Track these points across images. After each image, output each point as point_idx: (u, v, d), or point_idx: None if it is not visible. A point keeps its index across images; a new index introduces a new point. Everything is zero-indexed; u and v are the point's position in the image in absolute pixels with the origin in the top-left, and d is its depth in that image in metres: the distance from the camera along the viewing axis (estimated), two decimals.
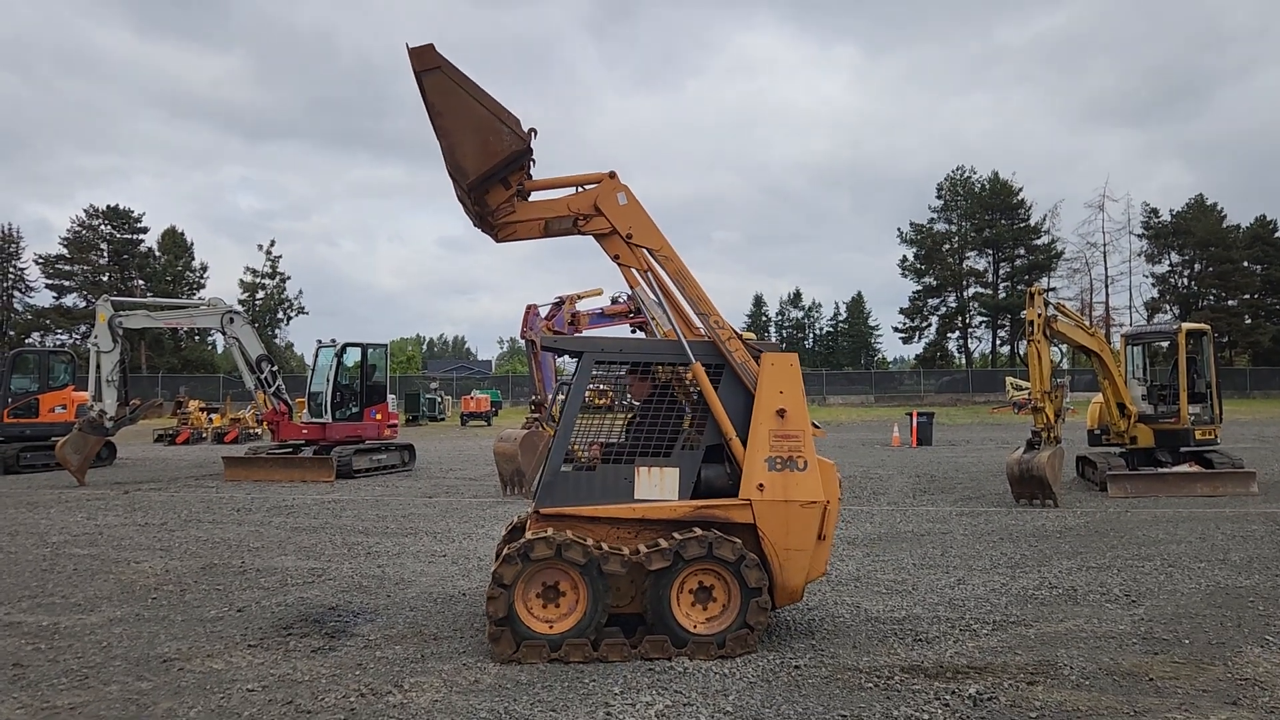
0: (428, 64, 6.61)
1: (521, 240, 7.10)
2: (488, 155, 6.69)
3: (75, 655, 6.67)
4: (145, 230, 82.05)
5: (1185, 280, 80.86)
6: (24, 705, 5.61)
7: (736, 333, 7.03)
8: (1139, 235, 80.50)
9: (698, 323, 7.04)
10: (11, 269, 78.58)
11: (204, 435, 36.18)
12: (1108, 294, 79.78)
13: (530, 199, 7.03)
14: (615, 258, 7.08)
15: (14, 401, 23.25)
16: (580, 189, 7.04)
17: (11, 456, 22.23)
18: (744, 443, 6.73)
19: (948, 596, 8.33)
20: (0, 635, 7.24)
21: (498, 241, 7.12)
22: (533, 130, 6.85)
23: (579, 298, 17.87)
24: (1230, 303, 77.08)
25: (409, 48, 6.59)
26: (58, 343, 71.92)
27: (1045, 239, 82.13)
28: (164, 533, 12.52)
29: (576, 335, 16.51)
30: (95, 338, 19.88)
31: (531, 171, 7.05)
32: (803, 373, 7.00)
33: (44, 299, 78.29)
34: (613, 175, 7.03)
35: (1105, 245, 79.58)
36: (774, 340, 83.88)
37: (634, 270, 7.07)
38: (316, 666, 6.34)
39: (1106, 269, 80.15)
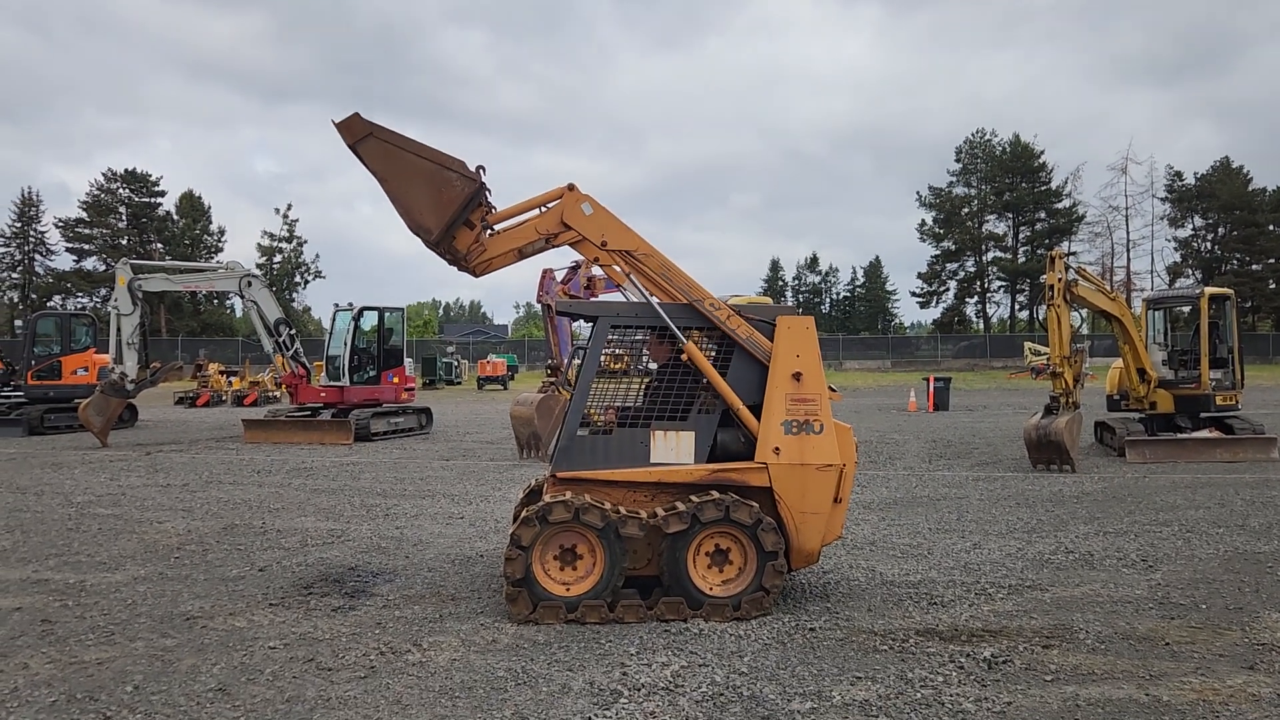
0: (358, 134, 6.62)
1: (500, 269, 7.09)
2: (443, 206, 6.66)
3: (101, 612, 6.79)
4: (163, 194, 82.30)
5: (1208, 244, 79.89)
6: (53, 660, 5.72)
7: (736, 309, 6.98)
8: (1162, 199, 79.54)
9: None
10: (32, 232, 79.04)
11: (223, 398, 36.52)
12: (1129, 258, 78.95)
13: (498, 230, 6.99)
14: (594, 260, 7.06)
15: (37, 364, 23.51)
16: (544, 209, 6.97)
17: (36, 418, 22.52)
18: (760, 410, 6.73)
19: (963, 561, 8.35)
20: (29, 592, 7.37)
21: (477, 276, 7.13)
22: (480, 168, 6.85)
23: (595, 262, 17.81)
24: (1254, 267, 76.15)
25: (335, 123, 6.60)
26: (78, 306, 72.51)
27: (1066, 202, 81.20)
28: (185, 494, 12.67)
29: (592, 300, 16.49)
30: (115, 301, 20.03)
31: (491, 203, 7.02)
32: (819, 337, 6.97)
33: (64, 262, 78.87)
34: (571, 188, 6.94)
35: (1127, 209, 78.66)
36: (790, 305, 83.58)
37: (617, 269, 7.03)
38: (337, 625, 6.43)
39: (1128, 233, 79.27)
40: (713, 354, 6.95)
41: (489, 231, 6.94)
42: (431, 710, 4.89)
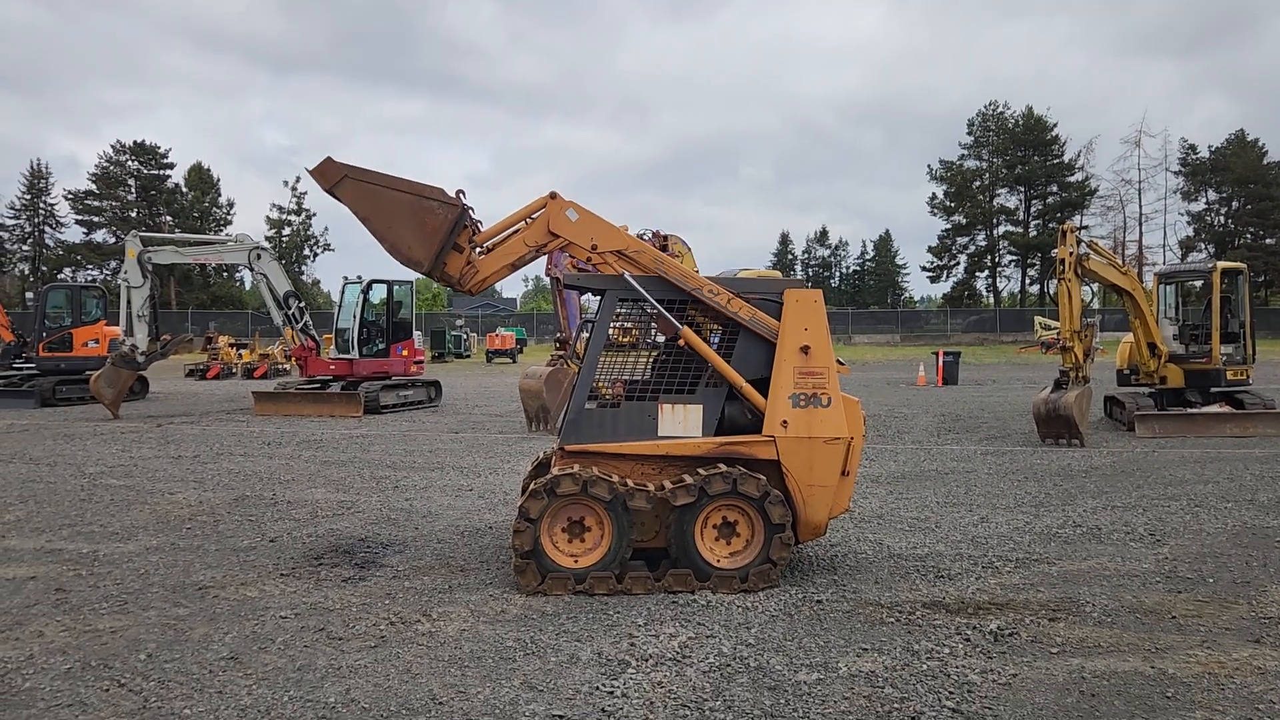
0: (333, 178, 6.65)
1: (495, 283, 7.14)
2: (430, 236, 6.69)
3: (114, 581, 6.86)
4: (172, 166, 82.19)
5: (1222, 218, 79.23)
6: (67, 628, 5.78)
7: (735, 287, 6.96)
8: (1175, 172, 78.81)
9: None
10: (42, 205, 79.14)
11: (234, 370, 36.65)
12: (1141, 232, 78.39)
13: (488, 248, 7.00)
14: (587, 260, 7.05)
15: (48, 336, 23.62)
16: (528, 220, 6.96)
17: (47, 389, 22.65)
18: (769, 385, 6.74)
19: (971, 534, 8.36)
20: (43, 561, 7.45)
21: (473, 295, 7.17)
22: (460, 191, 6.87)
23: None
24: (1268, 241, 75.50)
25: (309, 170, 6.64)
26: (89, 278, 72.69)
27: (1079, 176, 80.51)
28: (197, 465, 12.76)
29: (600, 273, 16.47)
30: (125, 273, 20.08)
31: (476, 223, 7.03)
32: (828, 311, 6.95)
33: (74, 235, 78.98)
34: (554, 196, 6.92)
35: (1140, 182, 78.11)
36: (800, 278, 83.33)
37: (610, 266, 7.01)
38: (347, 595, 6.48)
39: (1141, 207, 78.67)
40: (718, 335, 6.95)
41: (479, 251, 6.98)
42: (441, 679, 4.94)
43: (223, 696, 4.72)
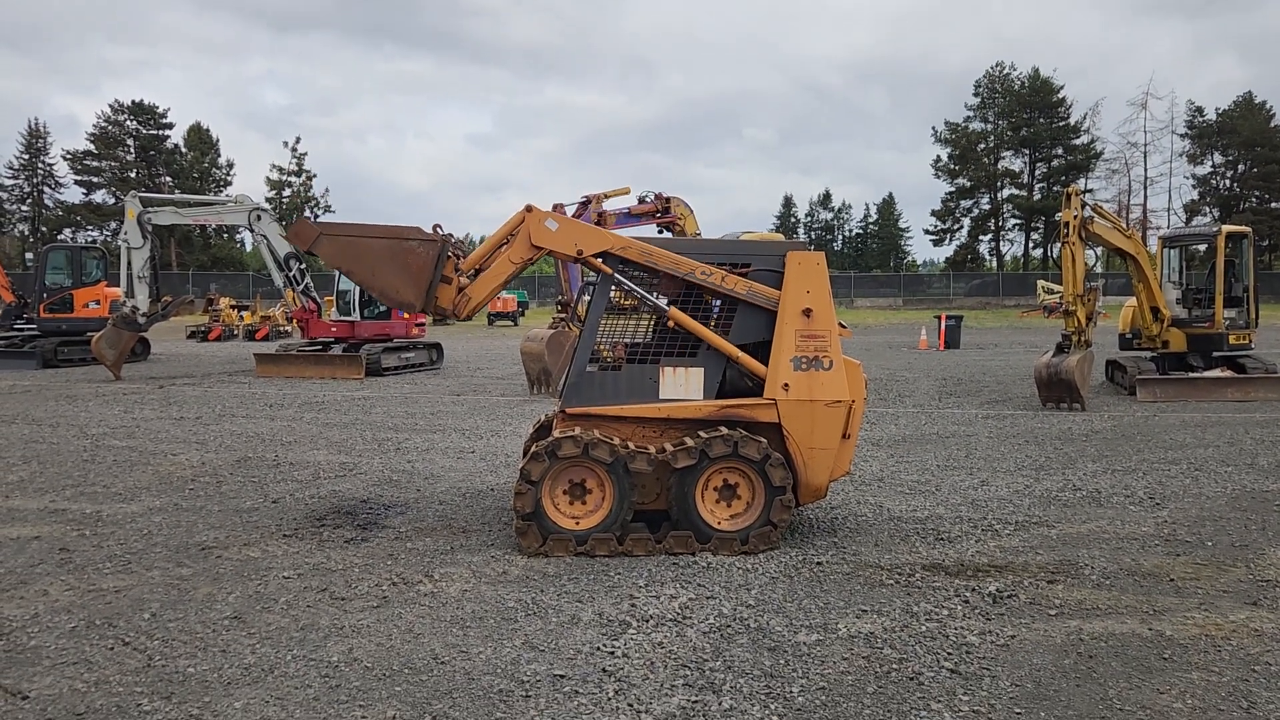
0: (309, 238, 6.71)
1: (487, 305, 7.19)
2: (416, 276, 6.72)
3: (118, 542, 6.90)
4: (171, 126, 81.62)
5: (1227, 181, 78.69)
6: (72, 587, 5.82)
7: (731, 263, 6.94)
8: (1182, 135, 78.15)
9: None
10: (41, 165, 78.70)
11: (235, 332, 36.66)
12: (1146, 196, 77.87)
13: (476, 275, 6.98)
14: (576, 260, 7.04)
15: (49, 297, 23.58)
16: (510, 238, 6.94)
17: (49, 351, 22.67)
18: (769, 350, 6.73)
19: (970, 497, 8.39)
20: (46, 521, 7.49)
21: (466, 320, 7.22)
22: (437, 225, 6.91)
23: (606, 197, 17.68)
24: (1274, 205, 75.00)
25: (284, 236, 6.65)
26: (89, 239, 72.47)
27: (1084, 139, 79.84)
28: (199, 426, 12.79)
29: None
30: (125, 234, 20.01)
31: (460, 252, 7.07)
32: (830, 274, 6.92)
33: (73, 195, 78.61)
34: (530, 209, 6.89)
35: (1146, 145, 77.36)
36: (802, 240, 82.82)
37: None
38: (349, 556, 6.52)
39: (1146, 170, 78.06)
40: (716, 309, 6.92)
41: (468, 277, 7.00)
42: (443, 639, 4.98)
43: (226, 655, 4.76)
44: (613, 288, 6.94)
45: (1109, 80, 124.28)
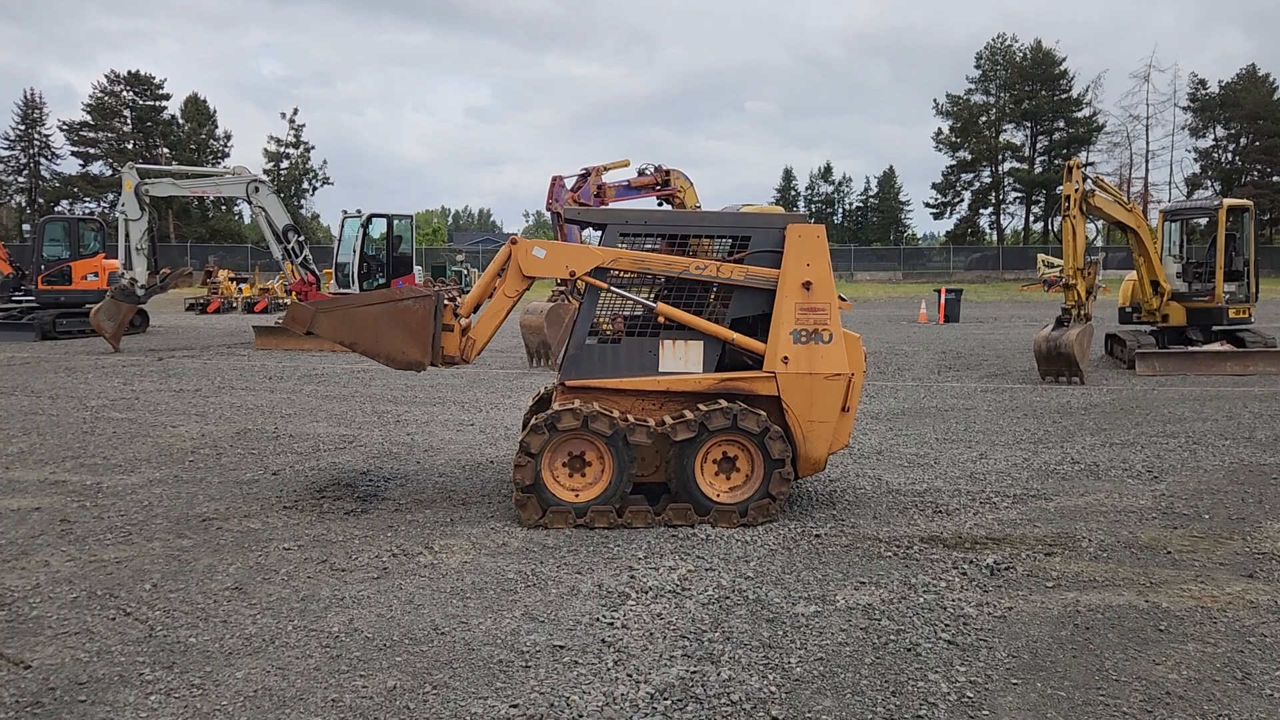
0: (305, 320, 6.75)
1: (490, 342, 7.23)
2: (417, 333, 6.71)
3: (119, 513, 6.91)
4: (167, 97, 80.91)
5: (1229, 155, 78.28)
6: (73, 558, 5.84)
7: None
8: (1184, 108, 77.63)
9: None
10: (37, 135, 78.18)
11: (234, 304, 36.56)
12: (1147, 169, 77.42)
13: (476, 316, 7.01)
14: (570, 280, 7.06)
15: (47, 269, 23.52)
16: (501, 274, 6.97)
17: (48, 322, 22.63)
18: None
19: (969, 470, 8.41)
20: (47, 493, 7.50)
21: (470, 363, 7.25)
22: (426, 280, 6.86)
23: (605, 169, 17.60)
24: (1275, 178, 74.68)
25: (281, 324, 6.64)
26: (86, 210, 72.14)
27: (1086, 111, 79.33)
28: (198, 399, 12.79)
29: (602, 207, 16.33)
30: (123, 206, 19.93)
31: (456, 298, 7.13)
32: (830, 248, 6.91)
33: (70, 166, 78.13)
34: (515, 241, 6.94)
35: (1148, 118, 76.89)
36: (802, 213, 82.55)
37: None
38: (349, 528, 6.54)
39: (1148, 143, 77.56)
40: (712, 296, 6.91)
41: (469, 321, 7.04)
42: (443, 610, 5.00)
43: (227, 625, 4.78)
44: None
45: (1111, 53, 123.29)
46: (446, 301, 6.98)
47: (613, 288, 6.84)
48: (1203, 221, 18.99)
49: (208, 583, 5.42)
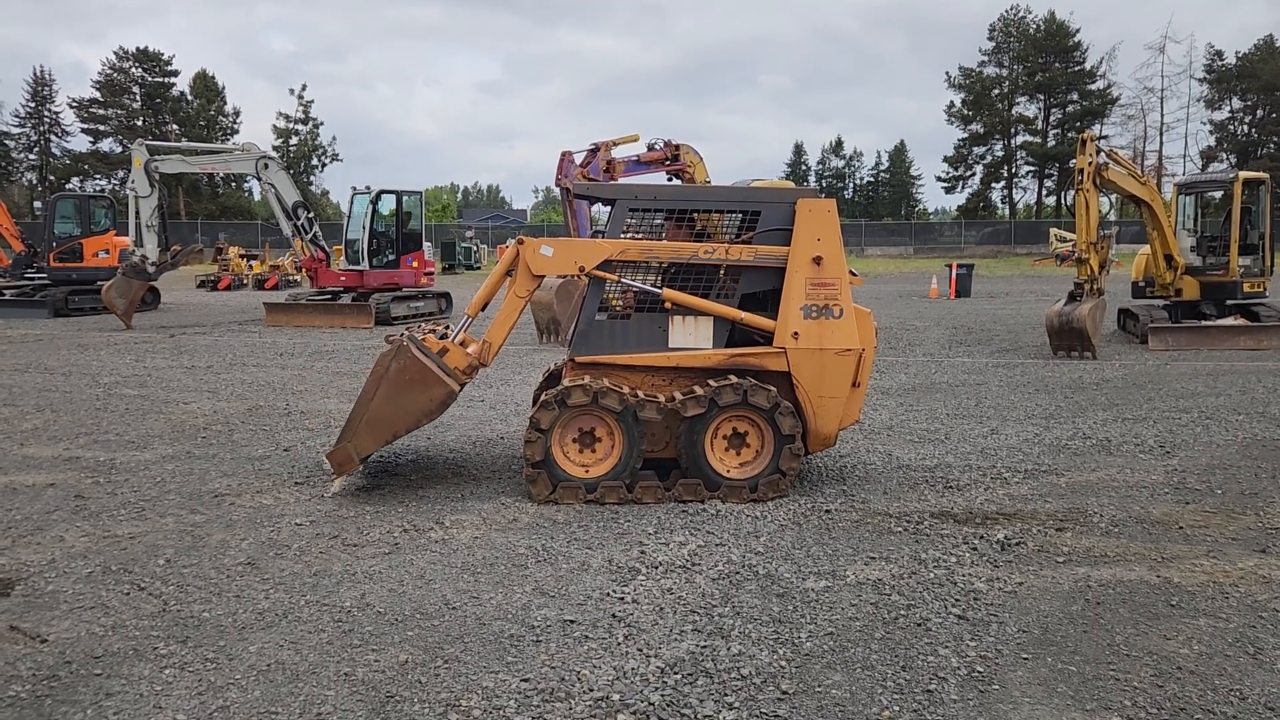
0: (347, 458, 6.60)
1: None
2: (423, 378, 6.48)
3: (132, 489, 6.96)
4: (176, 73, 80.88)
5: (1245, 127, 77.46)
6: (87, 534, 5.89)
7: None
8: (1200, 79, 76.76)
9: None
10: (47, 112, 78.21)
11: (244, 282, 36.64)
12: (1162, 142, 76.80)
13: (488, 332, 6.92)
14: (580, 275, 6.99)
15: (58, 246, 23.58)
16: (511, 275, 6.92)
17: (60, 300, 22.72)
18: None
19: (980, 446, 8.39)
20: (61, 469, 7.55)
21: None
22: (387, 337, 6.93)
23: (615, 144, 17.49)
24: None
25: (328, 461, 6.72)
26: (97, 188, 72.22)
27: (1100, 84, 78.56)
28: (210, 375, 12.84)
29: (611, 182, 16.26)
30: (133, 183, 19.94)
31: (448, 329, 7.13)
32: (841, 223, 6.86)
33: (80, 144, 78.24)
34: (521, 241, 6.84)
35: (1163, 90, 76.13)
36: (812, 187, 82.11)
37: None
38: (360, 504, 6.57)
39: (1163, 115, 76.90)
40: (722, 272, 6.87)
41: (463, 335, 6.99)
42: (454, 585, 5.02)
43: (240, 600, 4.82)
44: (623, 231, 6.90)
45: (1126, 24, 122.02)
46: (425, 335, 6.97)
47: (622, 279, 6.83)
48: (1217, 195, 18.81)
49: (220, 558, 5.45)
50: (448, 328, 7.41)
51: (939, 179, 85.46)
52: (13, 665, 4.07)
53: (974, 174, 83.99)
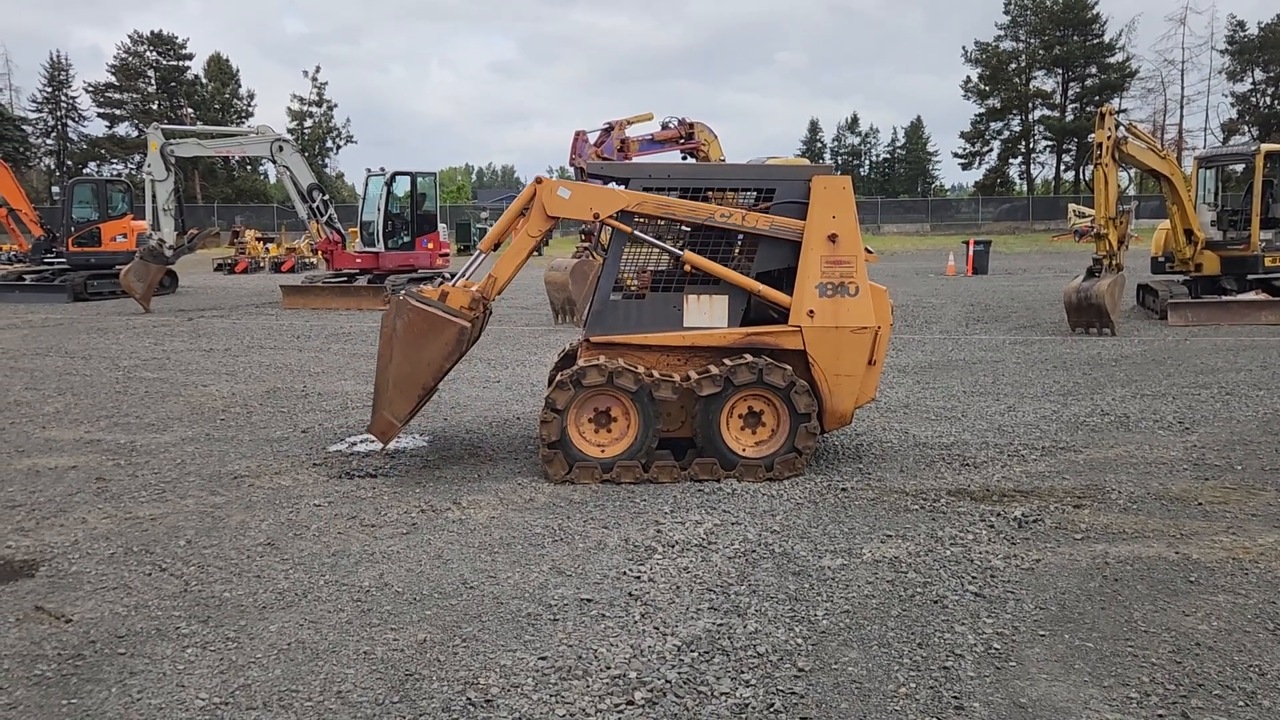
0: (386, 425, 6.58)
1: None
2: (432, 323, 6.42)
3: (152, 471, 7.02)
4: (190, 57, 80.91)
5: (1268, 99, 76.35)
6: (109, 515, 5.95)
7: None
8: (1221, 51, 75.65)
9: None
10: (64, 98, 78.47)
11: (261, 264, 36.79)
12: (1182, 115, 75.73)
13: (494, 268, 6.88)
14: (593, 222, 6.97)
15: (76, 230, 23.72)
16: (525, 212, 6.88)
17: (79, 284, 22.88)
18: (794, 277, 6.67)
19: (997, 423, 8.35)
20: (82, 452, 7.63)
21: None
22: (385, 297, 6.81)
23: (629, 123, 17.44)
24: None
25: (374, 439, 6.85)
26: (114, 172, 72.52)
27: (1119, 57, 77.50)
28: (228, 358, 12.92)
29: (625, 161, 16.20)
30: (149, 167, 20.01)
31: (445, 281, 7.11)
32: (857, 200, 6.82)
33: (97, 128, 78.46)
34: (540, 180, 6.81)
35: (1184, 63, 75.08)
36: (828, 164, 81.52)
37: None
38: (378, 484, 6.61)
39: (1183, 88, 75.83)
40: (740, 237, 6.84)
41: (464, 279, 6.99)
42: (472, 564, 5.05)
43: (260, 580, 4.86)
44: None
45: None
46: (420, 288, 6.95)
47: (637, 232, 6.77)
48: (1239, 168, 18.59)
49: (240, 539, 5.50)
50: (443, 282, 7.41)
51: (956, 155, 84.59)
52: (39, 645, 4.13)
53: (991, 149, 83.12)
